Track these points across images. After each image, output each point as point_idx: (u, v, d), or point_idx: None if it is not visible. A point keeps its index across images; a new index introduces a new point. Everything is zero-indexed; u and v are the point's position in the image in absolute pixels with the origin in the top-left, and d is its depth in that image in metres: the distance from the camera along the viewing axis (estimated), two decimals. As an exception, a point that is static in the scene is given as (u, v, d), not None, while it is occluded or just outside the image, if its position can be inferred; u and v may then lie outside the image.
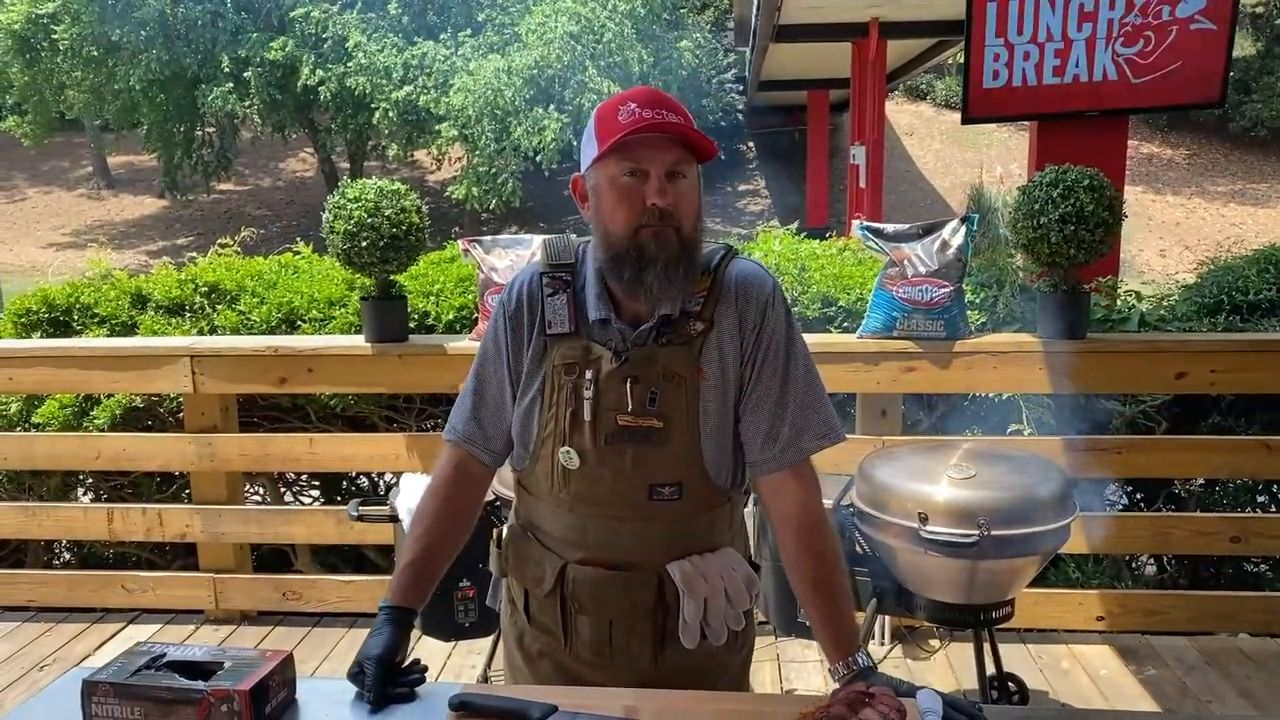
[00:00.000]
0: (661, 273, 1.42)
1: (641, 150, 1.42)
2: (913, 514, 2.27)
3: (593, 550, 1.52)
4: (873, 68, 10.52)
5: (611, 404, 1.47)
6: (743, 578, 1.57)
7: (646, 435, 1.47)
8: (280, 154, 21.95)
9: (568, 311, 1.50)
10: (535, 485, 1.56)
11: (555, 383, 1.50)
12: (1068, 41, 4.61)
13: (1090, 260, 2.93)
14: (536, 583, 1.57)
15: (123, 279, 4.05)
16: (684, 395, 1.47)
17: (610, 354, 1.47)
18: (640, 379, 1.46)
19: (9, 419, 3.79)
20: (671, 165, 1.43)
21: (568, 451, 1.48)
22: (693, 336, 1.48)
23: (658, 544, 1.52)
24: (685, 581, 1.50)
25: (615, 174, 1.43)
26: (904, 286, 3.01)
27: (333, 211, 3.04)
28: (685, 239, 1.44)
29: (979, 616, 2.38)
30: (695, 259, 1.47)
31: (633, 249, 1.43)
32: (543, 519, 1.57)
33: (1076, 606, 3.18)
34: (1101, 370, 3.00)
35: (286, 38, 16.30)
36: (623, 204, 1.43)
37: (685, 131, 1.42)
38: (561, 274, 1.53)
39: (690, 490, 1.50)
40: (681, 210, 1.43)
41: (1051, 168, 2.97)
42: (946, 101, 19.75)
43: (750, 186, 19.04)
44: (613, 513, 1.50)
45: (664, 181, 1.42)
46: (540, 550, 1.56)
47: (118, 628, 3.43)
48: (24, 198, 21.56)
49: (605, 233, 1.46)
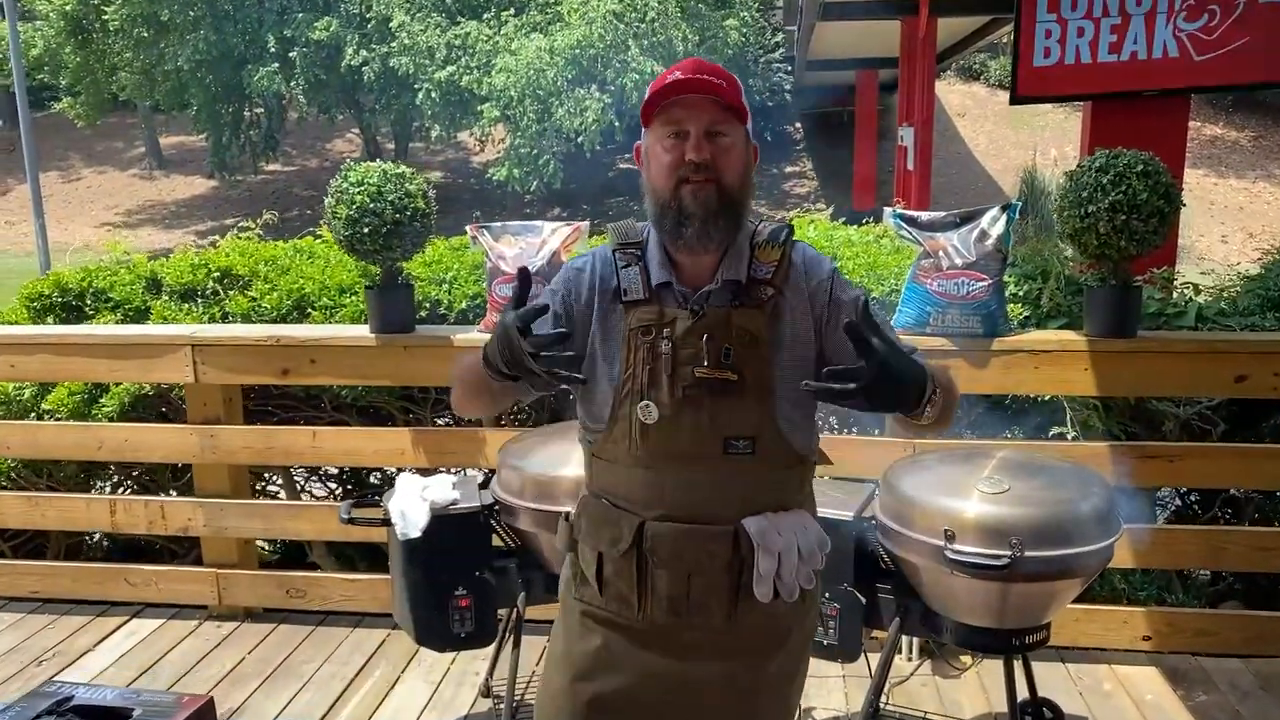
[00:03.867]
0: (700, 226, 1.51)
1: (681, 111, 1.51)
2: (939, 531, 2.08)
3: (670, 506, 1.56)
4: (922, 46, 10.20)
5: (688, 358, 1.53)
6: (815, 537, 1.61)
7: (723, 387, 1.53)
8: (327, 134, 22.05)
9: (641, 280, 1.59)
10: (612, 448, 1.59)
11: (633, 344, 1.56)
12: (1125, 17, 4.36)
13: (1143, 252, 2.71)
14: (614, 543, 1.59)
15: (140, 262, 3.97)
16: (757, 352, 1.54)
17: (687, 313, 1.55)
18: (715, 336, 1.53)
19: (23, 405, 3.73)
20: (709, 124, 1.51)
21: (647, 405, 1.54)
22: (763, 300, 1.56)
23: (733, 499, 1.57)
24: (760, 535, 1.55)
25: (660, 135, 1.54)
26: (939, 279, 2.81)
27: (334, 196, 2.91)
28: (726, 192, 1.52)
29: (1010, 642, 2.19)
30: (738, 215, 1.55)
31: (673, 202, 1.52)
32: (619, 482, 1.60)
33: (1120, 624, 2.96)
34: (1154, 372, 2.78)
35: (331, 18, 16.30)
36: (664, 165, 1.53)
37: (714, 90, 1.50)
38: (631, 249, 1.62)
39: (763, 446, 1.55)
40: (721, 165, 1.51)
41: (1101, 152, 2.74)
42: (1000, 82, 19.22)
43: (797, 168, 18.72)
44: (689, 467, 1.55)
45: (702, 139, 1.50)
46: (617, 513, 1.60)
47: (121, 621, 3.35)
48: (79, 177, 21.91)
49: (653, 190, 1.56)
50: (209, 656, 3.12)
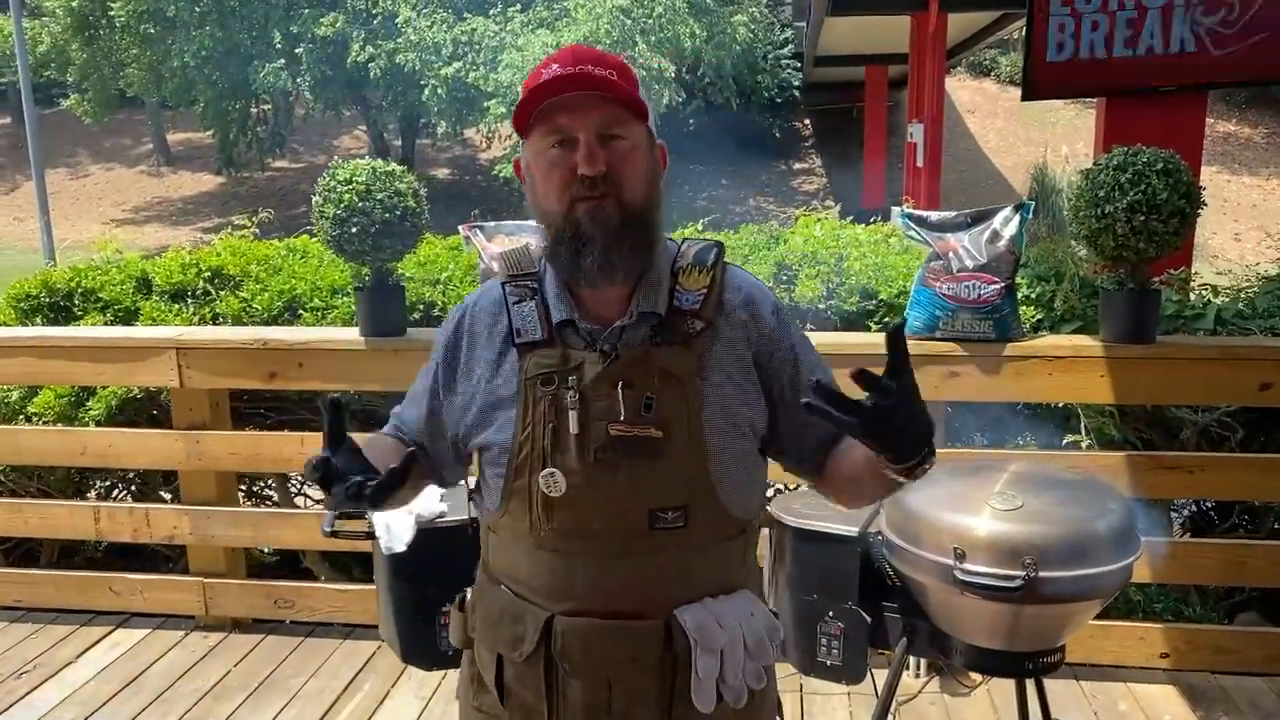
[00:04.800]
0: (600, 255, 1.24)
1: (564, 115, 1.23)
2: (948, 549, 1.97)
3: (584, 597, 1.29)
4: (932, 42, 10.08)
5: (601, 412, 1.26)
6: (764, 625, 1.34)
7: (644, 447, 1.26)
8: (334, 131, 21.97)
9: (538, 318, 1.32)
10: (511, 525, 1.33)
11: (531, 397, 1.29)
12: (1141, 10, 4.23)
13: (1162, 254, 2.60)
14: (514, 644, 1.32)
15: (131, 261, 3.89)
16: (685, 400, 1.27)
17: (596, 355, 1.28)
18: (633, 382, 1.26)
19: (10, 407, 3.65)
20: (602, 126, 1.23)
21: (550, 474, 1.27)
22: (691, 335, 1.30)
23: (662, 584, 1.29)
24: (699, 630, 1.28)
25: (542, 147, 1.26)
26: (948, 282, 2.70)
27: (322, 195, 2.81)
28: (628, 209, 1.25)
29: (1023, 665, 2.08)
30: (648, 234, 1.28)
31: (568, 227, 1.25)
32: (520, 566, 1.34)
33: (1137, 641, 2.85)
34: (1173, 379, 2.66)
35: (337, 14, 16.20)
36: (552, 178, 1.25)
37: (603, 84, 1.22)
38: (525, 281, 1.35)
39: (697, 516, 1.28)
40: (621, 175, 1.24)
41: (1119, 149, 2.63)
42: (1010, 78, 19.04)
43: (805, 165, 18.57)
44: (606, 547, 1.28)
45: (594, 146, 1.23)
46: (518, 604, 1.33)
47: (105, 631, 3.27)
48: (87, 174, 21.89)
49: (541, 213, 1.29)
50: (194, 669, 3.03)
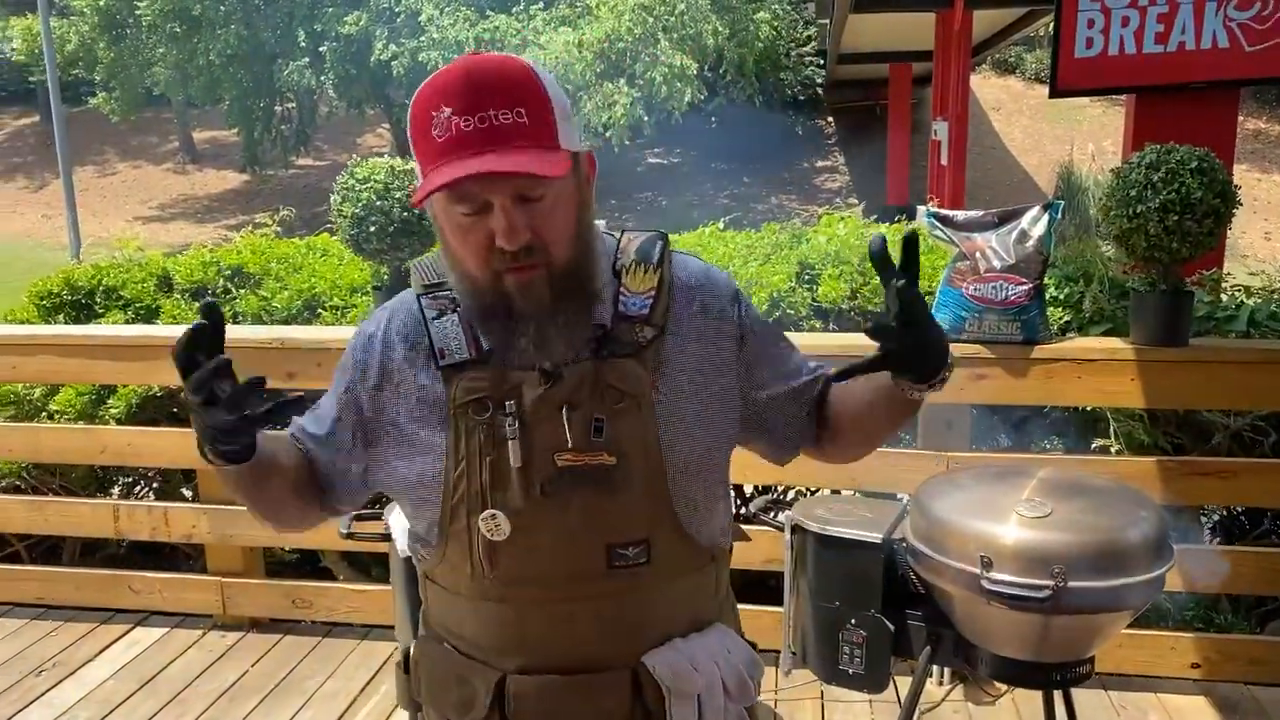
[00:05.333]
0: (535, 335, 1.11)
1: (470, 185, 1.06)
2: (974, 557, 1.93)
3: (538, 651, 1.17)
4: (957, 39, 9.98)
5: (545, 441, 1.13)
6: (743, 661, 1.23)
7: (597, 477, 1.13)
8: (358, 129, 22.05)
9: (463, 334, 1.17)
10: (448, 575, 1.19)
11: (463, 427, 1.14)
12: (1173, 5, 4.15)
13: (1196, 255, 2.53)
14: (464, 708, 1.19)
15: (153, 259, 3.90)
16: (639, 420, 1.14)
17: (535, 375, 1.13)
18: (579, 404, 1.13)
19: (32, 404, 3.66)
20: (519, 189, 1.07)
21: (491, 516, 1.13)
22: (642, 345, 1.16)
23: (626, 629, 1.17)
24: (672, 675, 1.16)
25: (450, 210, 1.10)
26: (975, 283, 2.64)
27: (340, 193, 2.80)
28: (559, 273, 1.11)
29: (1051, 677, 2.03)
30: (583, 296, 1.14)
31: (496, 299, 1.11)
32: (463, 620, 1.20)
33: (1168, 650, 2.79)
34: (1206, 383, 2.59)
35: (361, 12, 16.25)
36: (468, 243, 1.10)
37: (521, 141, 1.05)
38: (444, 292, 1.20)
39: (661, 549, 1.16)
40: (546, 238, 1.09)
41: (1152, 147, 2.56)
42: (1037, 75, 18.84)
43: (828, 163, 18.45)
44: (560, 593, 1.15)
45: (512, 214, 1.07)
46: (465, 664, 1.20)
47: (124, 629, 3.26)
48: (114, 172, 22.08)
49: (461, 272, 1.14)
50: (211, 669, 3.02)
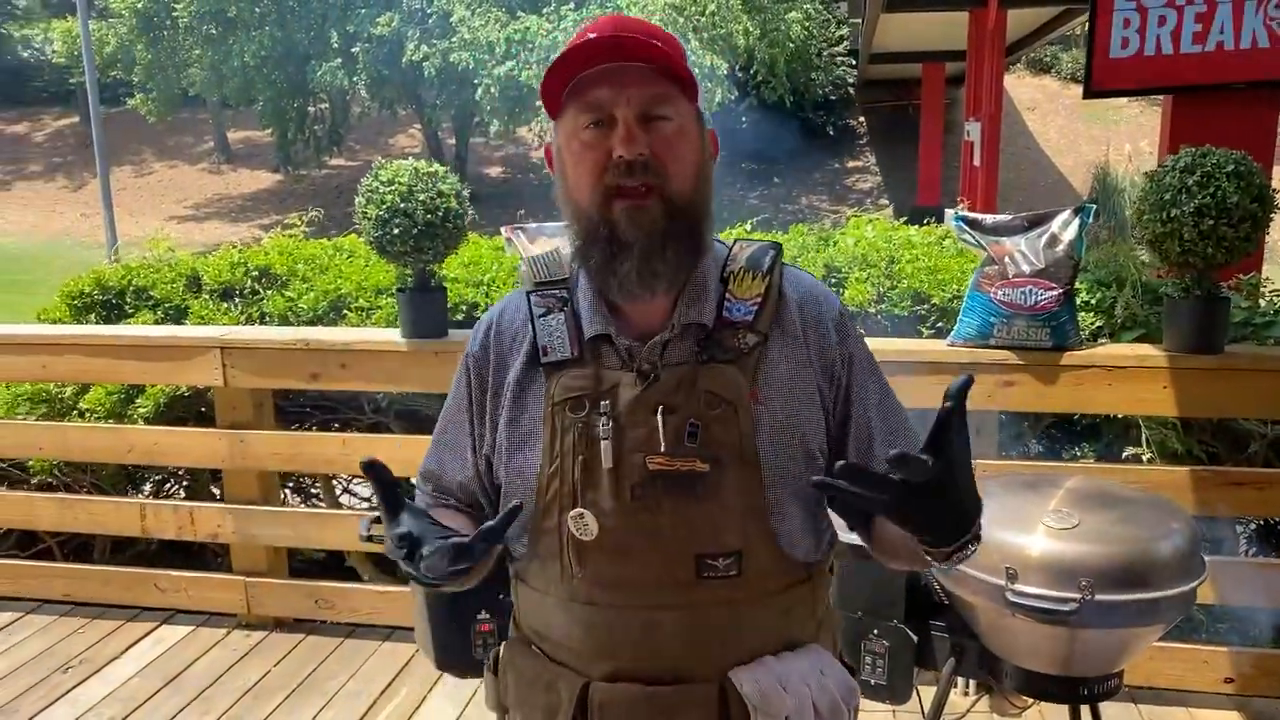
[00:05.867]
0: (640, 259, 1.08)
1: (602, 89, 1.07)
2: (999, 569, 1.89)
3: (624, 659, 1.14)
4: (991, 38, 9.86)
5: (638, 443, 1.11)
6: (838, 686, 1.18)
7: (689, 483, 1.10)
8: (390, 129, 22.21)
9: (567, 333, 1.16)
10: (539, 574, 1.18)
11: (559, 424, 1.13)
12: (1211, 4, 4.07)
13: (1232, 261, 2.47)
14: (549, 715, 1.17)
15: (183, 260, 3.93)
16: (736, 427, 1.11)
17: (633, 376, 1.12)
18: (675, 407, 1.11)
19: (64, 403, 3.70)
20: (645, 103, 1.07)
21: (580, 515, 1.11)
22: (743, 352, 1.13)
23: (715, 643, 1.13)
24: (759, 695, 1.11)
25: (575, 127, 1.10)
26: (1004, 288, 2.60)
27: (364, 195, 2.79)
28: (673, 204, 1.09)
29: (1078, 691, 1.98)
30: (696, 235, 1.12)
31: (603, 226, 1.09)
32: (551, 622, 1.19)
33: (1201, 664, 2.73)
34: (1242, 392, 2.53)
35: (393, 13, 16.36)
36: (584, 162, 1.09)
37: (647, 51, 1.05)
38: (553, 291, 1.20)
39: (754, 561, 1.12)
40: (665, 161, 1.08)
41: (1187, 150, 2.51)
42: (1073, 75, 18.63)
43: (860, 163, 18.34)
44: (648, 599, 1.12)
45: (635, 126, 1.07)
46: (551, 668, 1.19)
47: (150, 627, 3.29)
48: (151, 171, 22.39)
49: (572, 207, 1.13)
50: (235, 668, 3.03)
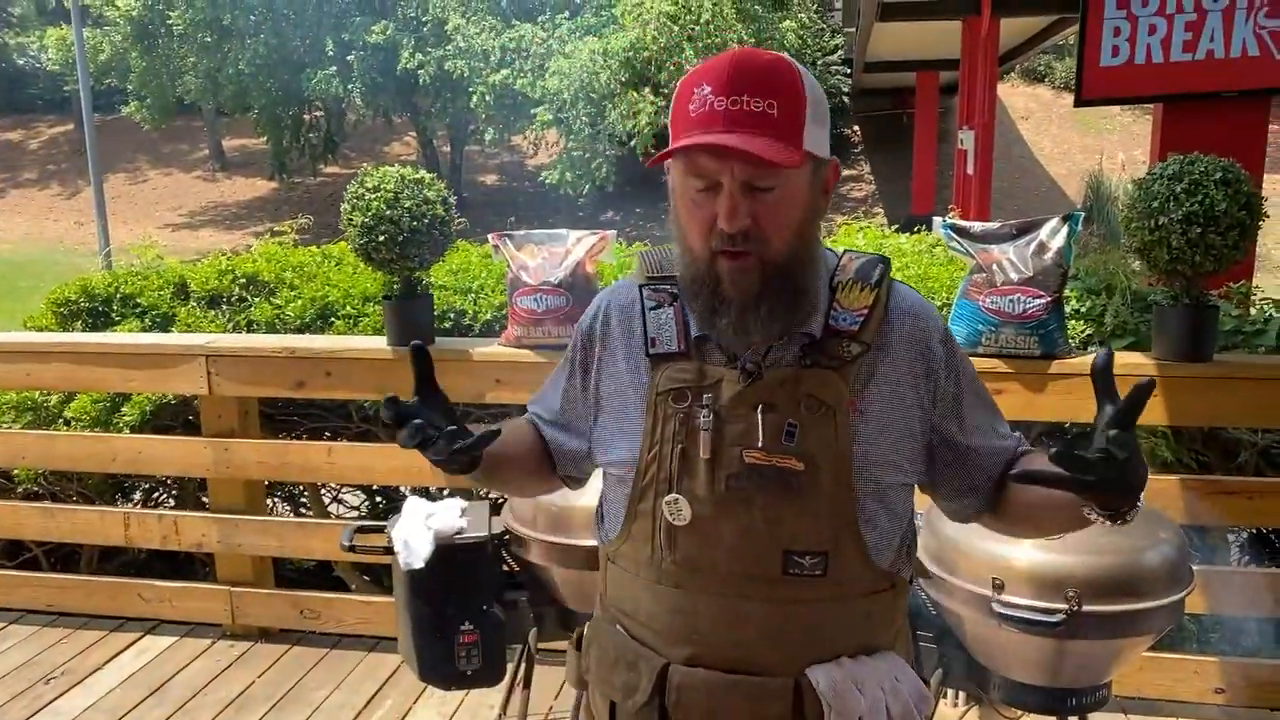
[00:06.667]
0: (736, 318, 1.14)
1: (707, 161, 1.11)
2: (986, 580, 1.88)
3: (706, 644, 1.18)
4: (985, 47, 9.88)
5: (736, 437, 1.16)
6: (911, 693, 1.21)
7: (783, 480, 1.14)
8: (384, 138, 22.21)
9: (675, 327, 1.22)
10: (630, 555, 1.22)
11: (661, 413, 1.19)
12: (1201, 13, 4.08)
13: (1221, 269, 2.46)
14: (628, 692, 1.21)
15: (171, 267, 3.91)
16: (832, 432, 1.15)
17: (736, 373, 1.17)
18: (775, 406, 1.15)
19: (49, 411, 3.67)
20: (750, 177, 1.10)
21: (675, 500, 1.16)
22: (846, 360, 1.17)
23: (795, 638, 1.17)
24: (833, 693, 1.15)
25: (684, 184, 1.15)
26: (992, 296, 2.59)
27: (350, 202, 2.78)
28: (772, 267, 1.13)
29: (1066, 702, 1.97)
30: (793, 290, 1.15)
31: (710, 277, 1.15)
32: (638, 601, 1.22)
33: (1190, 675, 2.71)
34: (1232, 400, 2.52)
35: (388, 22, 16.39)
36: (695, 217, 1.14)
37: (763, 128, 1.08)
38: (665, 285, 1.24)
39: (839, 564, 1.16)
40: (766, 231, 1.12)
41: (1174, 158, 2.50)
42: (1066, 84, 18.67)
43: (854, 172, 18.38)
44: (733, 588, 1.16)
45: (738, 199, 1.10)
46: (634, 647, 1.22)
47: (134, 638, 3.26)
48: (145, 179, 22.36)
49: (684, 245, 1.18)
50: (219, 679, 3.00)
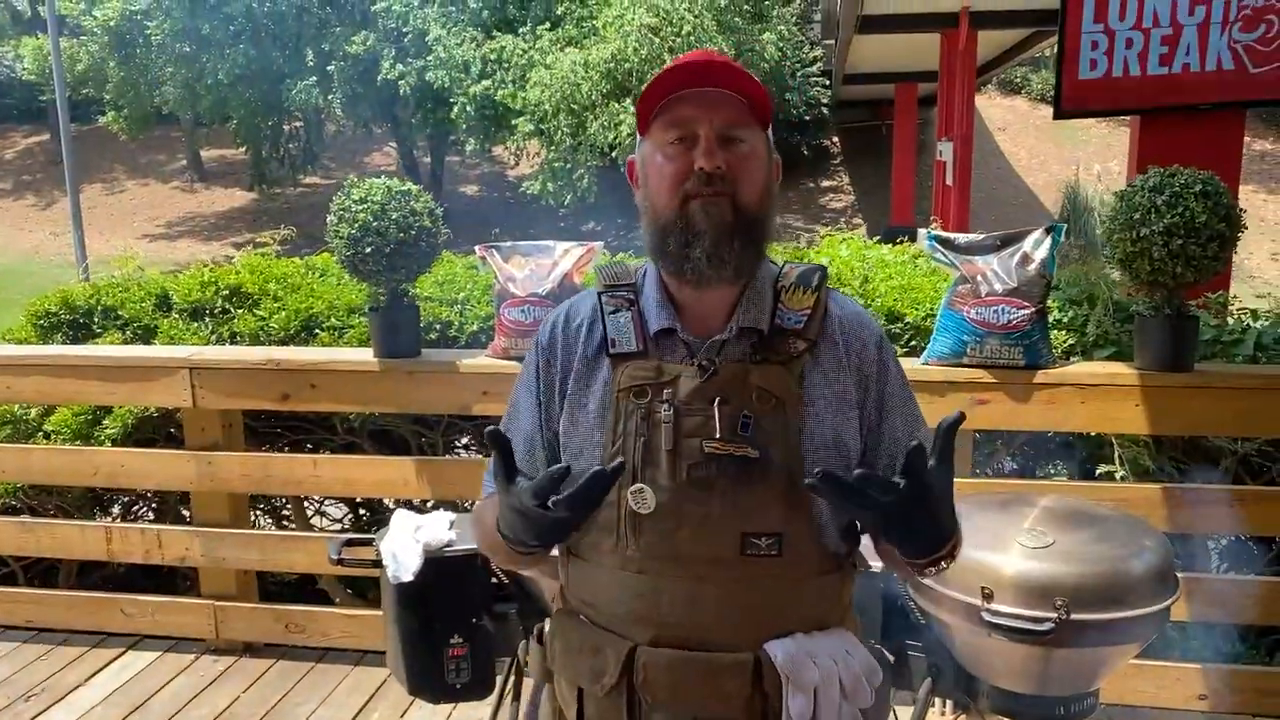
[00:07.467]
0: (711, 247, 1.22)
1: (689, 109, 1.23)
2: (975, 589, 1.88)
3: (669, 625, 1.24)
4: (962, 59, 10.00)
5: (695, 428, 1.23)
6: (861, 665, 1.28)
7: (740, 467, 1.22)
8: (365, 148, 22.14)
9: (634, 329, 1.30)
10: (593, 545, 1.28)
11: (622, 409, 1.26)
12: (1177, 27, 4.13)
13: (1201, 279, 2.49)
14: (595, 677, 1.27)
15: (153, 279, 3.88)
16: (784, 422, 1.24)
17: (694, 369, 1.25)
18: (730, 399, 1.24)
19: (28, 424, 3.63)
20: (725, 125, 1.23)
21: (640, 490, 1.23)
22: (793, 356, 1.27)
23: (753, 616, 1.24)
24: (790, 665, 1.22)
25: (661, 142, 1.25)
26: (976, 306, 2.61)
27: (336, 214, 2.77)
28: (742, 209, 1.23)
29: (1055, 710, 1.98)
30: (758, 239, 1.26)
31: (679, 220, 1.24)
32: (601, 590, 1.29)
33: (1174, 682, 2.73)
34: (1213, 409, 2.55)
35: (368, 32, 16.35)
36: (666, 173, 1.24)
37: (734, 81, 1.22)
38: (622, 292, 1.33)
39: (792, 545, 1.24)
40: (738, 175, 1.23)
41: (1155, 170, 2.53)
42: (1042, 96, 18.88)
43: (833, 183, 18.47)
44: (695, 571, 1.23)
45: (714, 143, 1.22)
46: (598, 634, 1.29)
47: (116, 653, 3.23)
48: (123, 189, 22.16)
49: (652, 210, 1.28)
50: (201, 695, 2.98)
